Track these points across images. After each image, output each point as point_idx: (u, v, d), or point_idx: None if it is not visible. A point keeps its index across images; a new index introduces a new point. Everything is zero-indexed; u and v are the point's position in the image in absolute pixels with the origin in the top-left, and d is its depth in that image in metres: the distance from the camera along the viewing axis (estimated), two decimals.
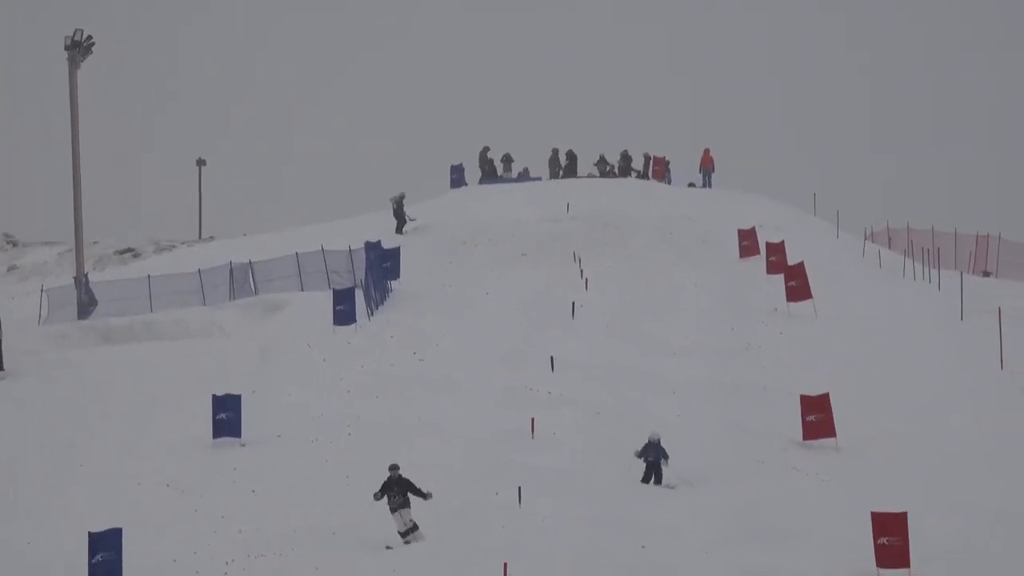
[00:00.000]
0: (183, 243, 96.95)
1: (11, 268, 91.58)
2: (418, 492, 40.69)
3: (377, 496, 40.77)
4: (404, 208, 75.34)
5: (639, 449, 45.00)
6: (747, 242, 69.84)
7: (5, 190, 60.01)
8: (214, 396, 50.45)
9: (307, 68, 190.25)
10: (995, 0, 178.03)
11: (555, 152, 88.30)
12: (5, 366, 59.00)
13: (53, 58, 74.94)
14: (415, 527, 40.59)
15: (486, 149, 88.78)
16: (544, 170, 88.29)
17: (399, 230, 74.25)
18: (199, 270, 70.55)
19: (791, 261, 63.54)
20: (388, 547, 40.31)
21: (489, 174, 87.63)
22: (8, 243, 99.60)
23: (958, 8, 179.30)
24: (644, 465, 44.94)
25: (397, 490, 40.52)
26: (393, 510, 40.58)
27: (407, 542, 40.33)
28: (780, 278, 62.78)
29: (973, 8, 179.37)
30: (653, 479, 44.74)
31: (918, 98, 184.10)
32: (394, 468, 40.85)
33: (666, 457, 44.83)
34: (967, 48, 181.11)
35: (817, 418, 48.02)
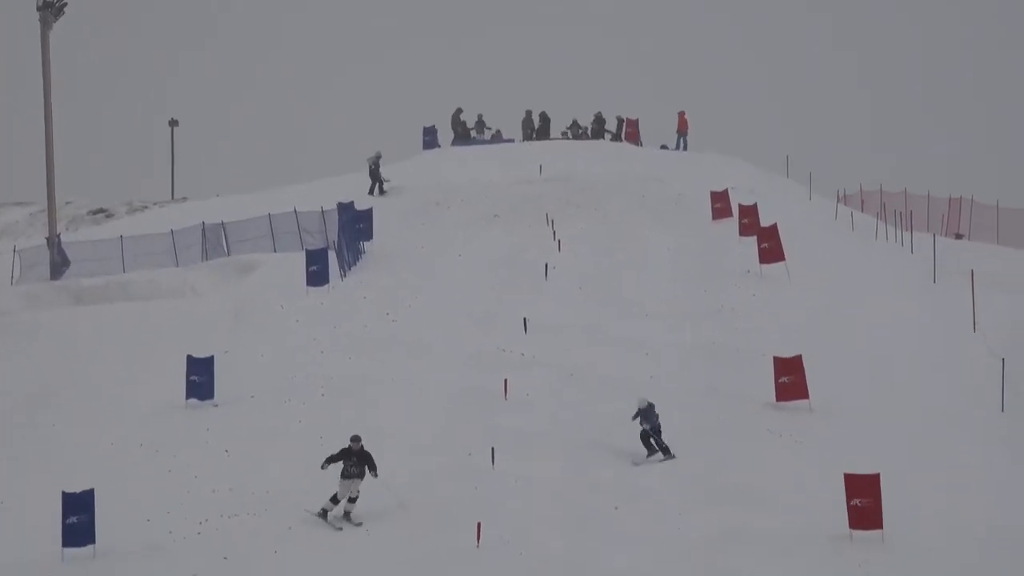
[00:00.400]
0: (156, 204, 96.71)
1: None
2: (373, 468, 40.20)
3: (327, 463, 40.33)
4: (380, 169, 75.28)
5: (634, 414, 44.65)
6: (720, 204, 69.78)
7: None
8: (188, 357, 50.45)
9: (281, 29, 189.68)
10: None
11: (528, 114, 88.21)
12: None
13: (25, 18, 74.74)
14: (353, 502, 40.02)
15: (459, 111, 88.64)
16: (517, 132, 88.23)
17: (375, 190, 74.14)
18: (172, 231, 70.47)
19: (764, 223, 63.44)
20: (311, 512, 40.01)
21: (462, 136, 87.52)
22: None
23: None
24: (640, 433, 44.42)
25: (356, 460, 40.03)
26: (345, 477, 40.03)
27: (343, 514, 39.80)
28: (753, 240, 62.72)
29: None
30: (658, 451, 44.23)
31: (893, 61, 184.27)
32: (356, 440, 40.49)
33: (657, 421, 44.41)
34: (942, 8, 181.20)
35: (790, 380, 48.10)
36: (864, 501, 38.80)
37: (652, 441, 44.06)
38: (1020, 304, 56.62)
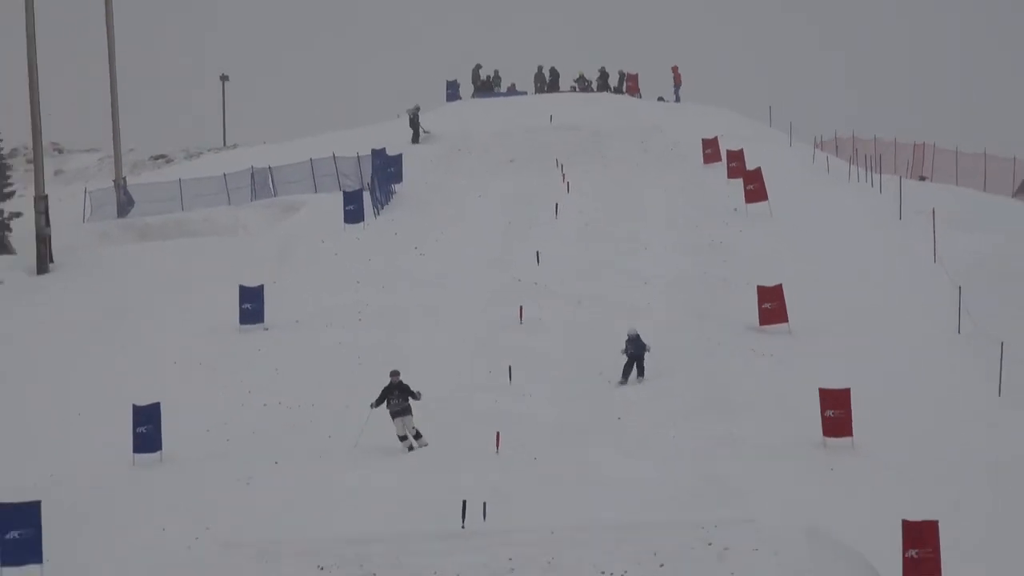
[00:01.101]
0: (210, 150, 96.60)
1: (57, 173, 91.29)
2: (415, 396, 39.12)
3: (374, 404, 39.17)
4: (419, 118, 75.33)
5: (623, 346, 44.20)
6: (710, 150, 69.77)
7: (52, 104, 59.94)
8: (241, 287, 50.65)
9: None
10: None
11: (539, 69, 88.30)
12: (54, 259, 59.10)
13: None
14: (419, 435, 39.26)
15: (478, 67, 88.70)
16: (530, 86, 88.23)
17: (415, 139, 74.17)
18: (224, 174, 70.45)
19: (749, 167, 63.42)
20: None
21: (481, 89, 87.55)
22: (55, 150, 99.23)
23: None
24: (625, 359, 44.05)
25: (398, 394, 39.01)
26: (395, 415, 39.09)
27: (409, 448, 39.04)
28: (739, 182, 62.74)
29: None
30: (636, 372, 44.10)
31: (868, 20, 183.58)
32: (395, 374, 39.51)
33: (647, 349, 44.11)
34: None
35: (772, 306, 48.28)
36: (836, 412, 38.92)
37: (633, 366, 44.03)
38: (975, 240, 56.51)
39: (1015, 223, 61.92)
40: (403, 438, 38.95)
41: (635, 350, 43.84)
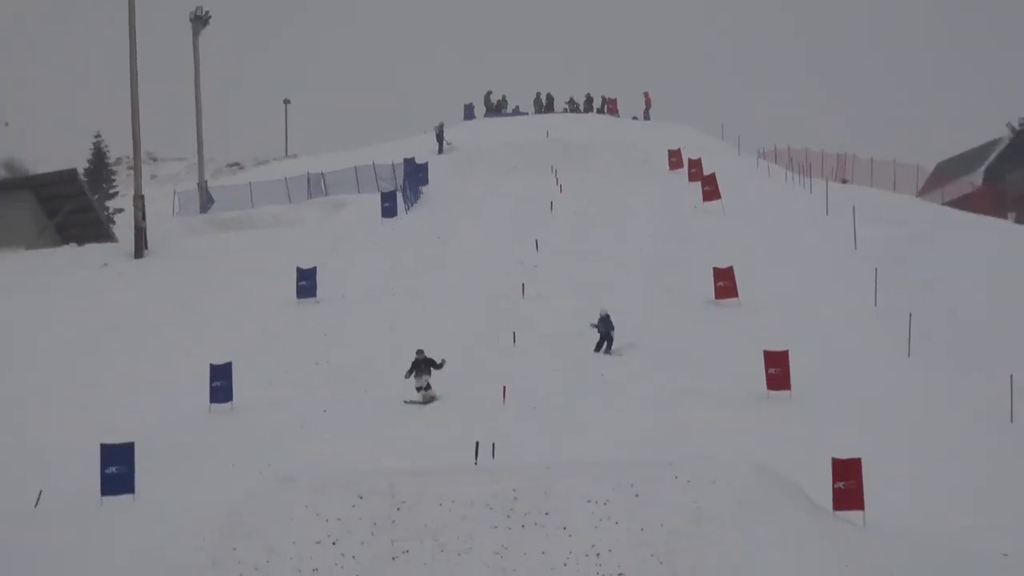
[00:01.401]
0: (274, 159, 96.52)
1: (153, 177, 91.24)
2: (437, 365, 38.51)
3: (408, 375, 38.48)
4: (444, 133, 75.23)
5: (594, 321, 43.22)
6: (675, 159, 69.51)
7: (151, 122, 60.21)
8: (298, 268, 50.34)
9: (359, 31, 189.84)
10: None
11: (538, 95, 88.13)
12: (149, 247, 58.81)
13: (179, 27, 74.61)
14: (430, 388, 38.55)
15: (489, 92, 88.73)
16: (530, 107, 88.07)
17: (440, 151, 73.97)
18: (286, 178, 70.44)
19: (706, 173, 63.42)
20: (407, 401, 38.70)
21: (491, 110, 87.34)
22: (151, 159, 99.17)
23: None
24: (598, 336, 43.07)
25: (424, 367, 38.40)
26: (419, 388, 38.38)
27: (421, 398, 38.39)
28: (698, 185, 62.56)
29: None
30: (604, 347, 42.94)
31: (797, 53, 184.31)
32: (420, 352, 38.75)
33: (613, 328, 42.95)
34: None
35: (725, 284, 47.88)
36: (777, 370, 38.71)
37: (604, 343, 42.82)
38: (887, 230, 56.31)
39: (918, 217, 61.90)
40: (418, 388, 38.37)
41: (604, 328, 42.76)
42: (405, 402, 38.12)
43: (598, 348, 42.73)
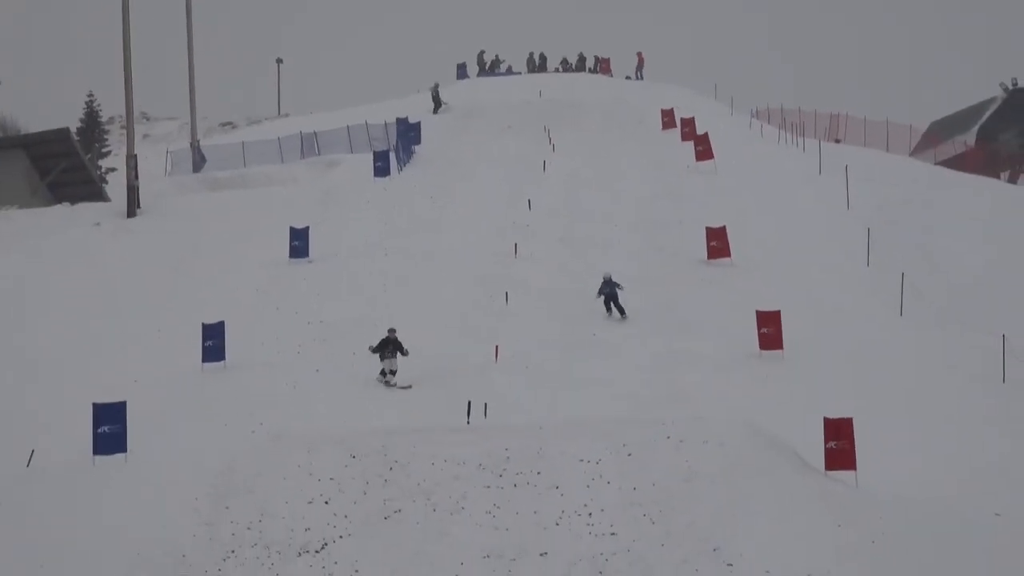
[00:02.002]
0: (267, 118, 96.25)
1: (145, 136, 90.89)
2: (403, 351, 36.54)
3: (372, 350, 36.61)
4: (440, 93, 74.93)
5: (599, 288, 42.25)
6: (667, 119, 69.30)
7: (143, 81, 59.67)
8: (291, 228, 50.16)
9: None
10: None
11: (531, 54, 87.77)
12: (141, 206, 58.65)
13: None
14: (394, 373, 36.57)
15: (482, 52, 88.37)
16: (523, 67, 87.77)
17: (435, 111, 73.70)
18: (278, 138, 70.17)
19: (699, 132, 63.29)
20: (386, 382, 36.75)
21: (484, 70, 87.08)
22: (144, 118, 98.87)
23: None
24: (603, 300, 42.22)
25: (392, 348, 36.60)
26: (382, 359, 36.47)
27: (386, 381, 36.46)
28: (691, 144, 62.44)
29: None
30: (615, 310, 42.23)
31: (797, 4, 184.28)
32: (392, 331, 36.81)
33: (620, 288, 42.22)
34: None
35: (717, 243, 47.77)
36: (770, 330, 38.66)
37: (611, 305, 42.26)
38: (880, 190, 56.34)
39: (911, 177, 61.81)
40: (383, 372, 36.66)
41: (609, 290, 42.14)
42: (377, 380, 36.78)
43: (608, 311, 42.08)
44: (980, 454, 31.31)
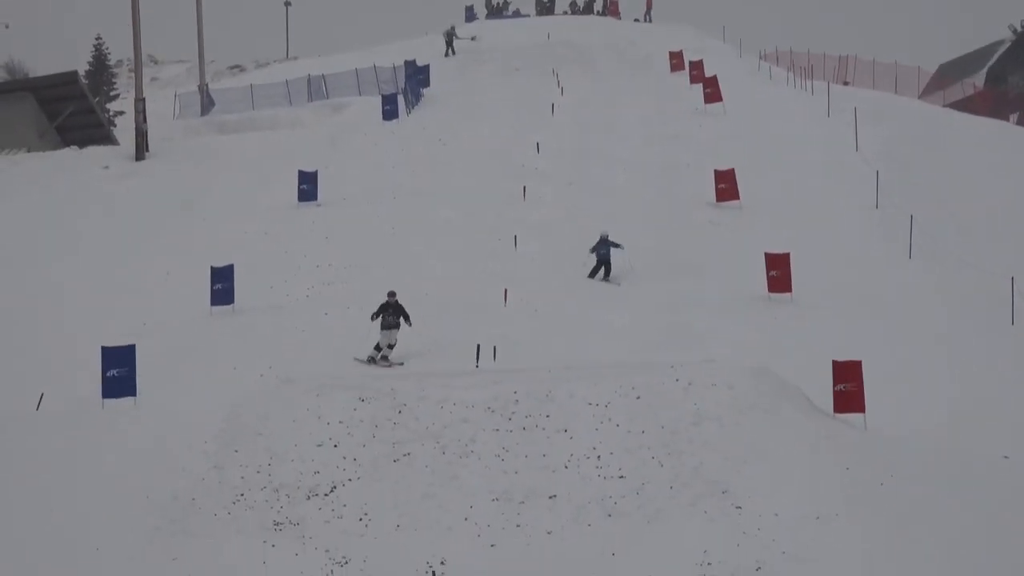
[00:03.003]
0: (275, 61, 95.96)
1: (153, 79, 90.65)
2: (406, 318, 33.73)
3: (374, 317, 33.96)
4: (454, 36, 74.67)
5: (592, 246, 40.54)
6: (676, 61, 69.17)
7: (151, 24, 59.48)
8: (299, 171, 50.02)
9: None
10: None
11: None
12: (149, 149, 58.53)
13: None
14: (391, 348, 33.95)
15: None
16: (532, 9, 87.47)
17: (448, 53, 73.44)
18: (286, 80, 70.23)
19: (707, 75, 63.14)
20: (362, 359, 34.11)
21: (493, 12, 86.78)
22: (151, 61, 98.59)
23: None
24: (595, 259, 40.39)
25: (392, 311, 33.64)
26: (384, 328, 33.69)
27: (381, 357, 33.69)
28: (699, 87, 62.32)
29: None
30: (602, 273, 40.35)
31: None
32: (392, 295, 34.23)
33: (617, 246, 40.32)
34: None
35: (726, 186, 47.61)
36: (778, 273, 38.51)
37: (601, 266, 40.32)
38: (888, 132, 56.14)
39: (920, 118, 61.69)
40: (378, 348, 34.04)
41: (604, 250, 40.22)
42: (355, 359, 34.14)
43: (592, 274, 40.25)
44: (989, 397, 31.22)
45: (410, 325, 33.69)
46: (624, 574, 22.87)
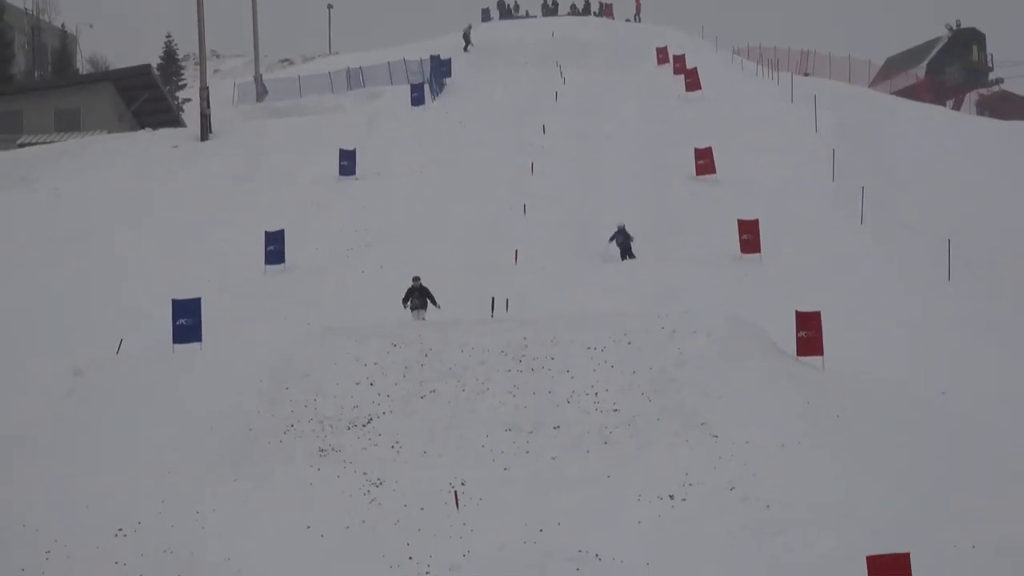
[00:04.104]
0: (319, 55, 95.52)
1: (215, 71, 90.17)
2: (433, 300, 31.77)
3: (404, 303, 31.81)
4: (470, 34, 74.29)
5: (611, 235, 38.55)
6: (662, 55, 68.72)
7: (214, 23, 59.52)
8: (340, 149, 49.83)
9: None
10: None
11: (545, 1, 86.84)
12: (212, 131, 58.33)
13: None
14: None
15: None
16: (539, 11, 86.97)
17: (465, 49, 73.04)
18: (329, 72, 69.98)
19: (689, 67, 62.82)
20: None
21: (505, 13, 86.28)
22: (214, 55, 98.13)
23: None
24: (618, 249, 38.48)
25: (419, 294, 31.87)
26: (413, 309, 31.80)
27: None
28: (682, 77, 62.03)
29: None
30: (628, 257, 38.34)
31: None
32: (416, 279, 32.20)
33: (632, 239, 38.36)
34: None
35: (704, 162, 47.33)
36: (749, 236, 38.31)
37: (626, 253, 38.54)
38: (842, 116, 55.69)
39: (870, 104, 61.44)
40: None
41: (623, 240, 38.41)
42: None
43: (623, 258, 38.24)
44: (928, 343, 31.02)
45: (438, 307, 31.49)
46: (618, 492, 22.77)
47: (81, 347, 31.06)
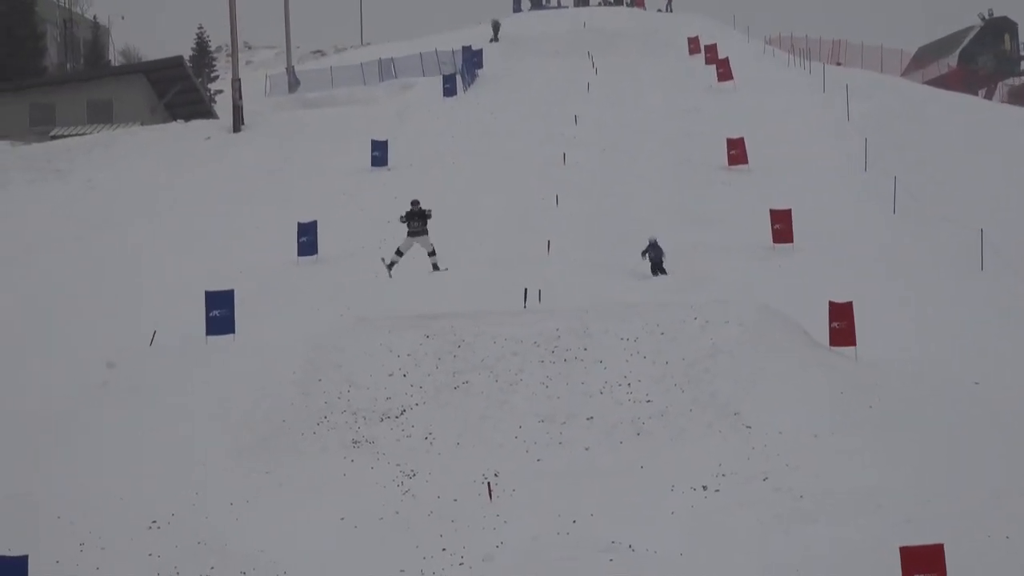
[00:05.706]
0: (351, 47, 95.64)
1: (247, 62, 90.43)
2: (428, 215, 33.98)
3: (402, 219, 33.76)
4: (499, 25, 74.33)
5: (643, 249, 36.37)
6: (693, 45, 68.71)
7: (246, 14, 60.00)
8: (372, 140, 49.89)
9: None
10: None
11: None
12: (244, 122, 58.48)
13: None
14: (434, 252, 34.76)
15: None
16: (570, 1, 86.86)
17: (494, 39, 73.00)
18: (361, 63, 70.07)
19: (720, 56, 62.67)
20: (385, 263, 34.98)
21: (536, 4, 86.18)
22: (246, 47, 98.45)
23: None
24: (649, 263, 36.39)
25: (418, 217, 33.39)
26: (411, 234, 33.60)
27: (432, 266, 34.31)
28: (713, 67, 61.86)
29: None
30: (659, 273, 36.17)
31: None
32: (415, 203, 33.84)
33: (663, 253, 36.20)
34: None
35: (736, 152, 47.25)
36: (781, 226, 38.15)
37: (657, 268, 36.53)
38: (875, 105, 55.56)
39: (902, 93, 61.19)
40: (399, 253, 34.50)
41: (655, 255, 36.32)
42: (382, 259, 34.21)
43: (654, 274, 36.14)
44: (961, 333, 30.84)
45: (430, 217, 33.89)
46: (651, 483, 22.71)
47: (114, 338, 31.13)
